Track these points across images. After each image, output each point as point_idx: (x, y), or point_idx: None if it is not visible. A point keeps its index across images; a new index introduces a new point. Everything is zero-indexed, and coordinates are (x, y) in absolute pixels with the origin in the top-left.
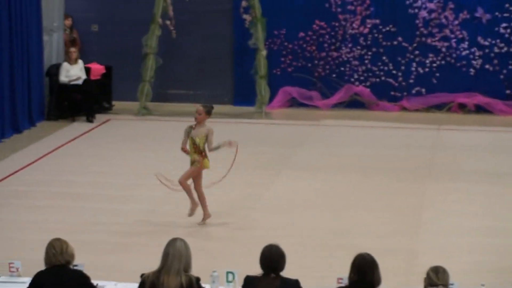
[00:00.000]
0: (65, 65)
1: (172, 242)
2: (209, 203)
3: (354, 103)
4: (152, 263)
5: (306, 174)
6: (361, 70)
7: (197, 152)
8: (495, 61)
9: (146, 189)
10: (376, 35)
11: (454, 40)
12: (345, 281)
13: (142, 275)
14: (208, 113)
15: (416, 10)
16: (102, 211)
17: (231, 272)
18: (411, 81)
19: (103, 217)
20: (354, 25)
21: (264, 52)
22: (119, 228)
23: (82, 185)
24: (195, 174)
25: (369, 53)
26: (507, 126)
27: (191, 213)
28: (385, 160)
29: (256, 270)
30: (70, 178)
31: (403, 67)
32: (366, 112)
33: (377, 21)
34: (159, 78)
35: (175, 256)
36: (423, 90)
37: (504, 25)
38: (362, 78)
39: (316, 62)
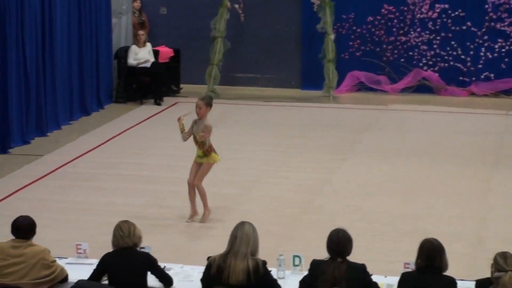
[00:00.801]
0: (134, 48)
1: (240, 226)
2: (277, 187)
3: (422, 88)
4: (219, 246)
5: (374, 158)
6: (429, 54)
7: (201, 148)
8: None
9: (214, 173)
10: (445, 19)
11: None
12: (412, 266)
13: (208, 258)
14: (208, 105)
15: None
16: (169, 193)
17: (298, 256)
18: (480, 66)
19: (171, 200)
20: (423, 9)
21: (332, 36)
22: (186, 211)
23: (149, 168)
24: (207, 172)
25: (438, 37)
26: None
27: (191, 219)
28: (452, 145)
29: (323, 254)
30: (137, 160)
31: (471, 52)
32: (434, 97)
33: (446, 5)
34: (227, 61)
35: (243, 239)
36: (492, 75)
37: None
38: (430, 62)
39: (384, 46)
